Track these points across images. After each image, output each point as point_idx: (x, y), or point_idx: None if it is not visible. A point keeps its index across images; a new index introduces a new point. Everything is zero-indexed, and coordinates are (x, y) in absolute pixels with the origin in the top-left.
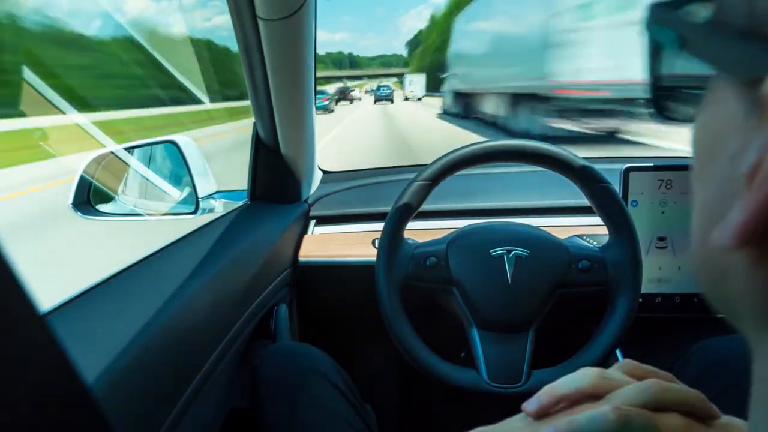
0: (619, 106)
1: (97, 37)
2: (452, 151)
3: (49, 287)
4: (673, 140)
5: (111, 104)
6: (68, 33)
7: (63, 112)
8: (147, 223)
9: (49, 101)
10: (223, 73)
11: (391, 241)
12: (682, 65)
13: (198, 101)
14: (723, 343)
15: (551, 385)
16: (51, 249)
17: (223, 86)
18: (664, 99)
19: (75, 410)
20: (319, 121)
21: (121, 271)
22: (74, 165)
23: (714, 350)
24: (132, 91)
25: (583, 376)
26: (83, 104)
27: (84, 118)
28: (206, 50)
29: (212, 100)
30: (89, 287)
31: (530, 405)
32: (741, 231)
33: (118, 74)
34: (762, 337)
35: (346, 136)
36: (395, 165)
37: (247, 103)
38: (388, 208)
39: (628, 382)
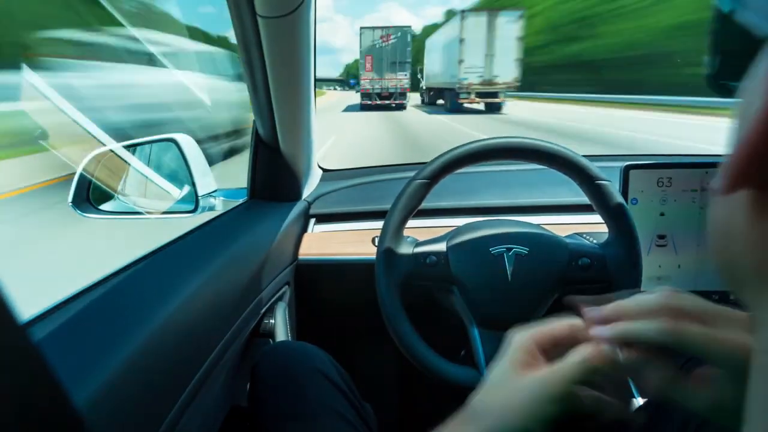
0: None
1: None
2: (451, 149)
3: None
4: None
5: None
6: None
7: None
8: (147, 221)
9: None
10: None
11: (391, 240)
12: (740, 36)
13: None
14: None
15: (620, 302)
16: None
17: None
18: (720, 71)
19: (55, 420)
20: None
21: (120, 270)
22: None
23: None
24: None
25: (652, 300)
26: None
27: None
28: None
29: None
30: (89, 285)
31: (593, 312)
32: (731, 172)
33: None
34: (762, 301)
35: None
36: (395, 163)
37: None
38: (388, 206)
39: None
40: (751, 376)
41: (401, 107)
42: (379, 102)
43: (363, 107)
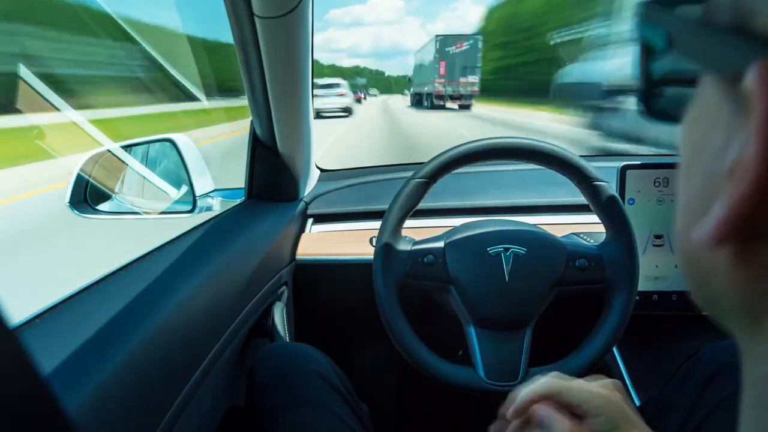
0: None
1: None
2: (449, 149)
3: None
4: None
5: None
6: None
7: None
8: (145, 222)
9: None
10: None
11: (389, 239)
12: (671, 65)
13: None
14: (733, 346)
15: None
16: None
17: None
18: (654, 98)
19: (45, 427)
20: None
21: (117, 270)
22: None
23: (723, 352)
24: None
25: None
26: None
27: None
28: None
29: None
30: (84, 286)
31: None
32: (720, 227)
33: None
34: (748, 336)
35: None
36: (393, 164)
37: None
38: (385, 206)
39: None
40: (741, 408)
41: (468, 107)
42: (449, 104)
43: (435, 106)
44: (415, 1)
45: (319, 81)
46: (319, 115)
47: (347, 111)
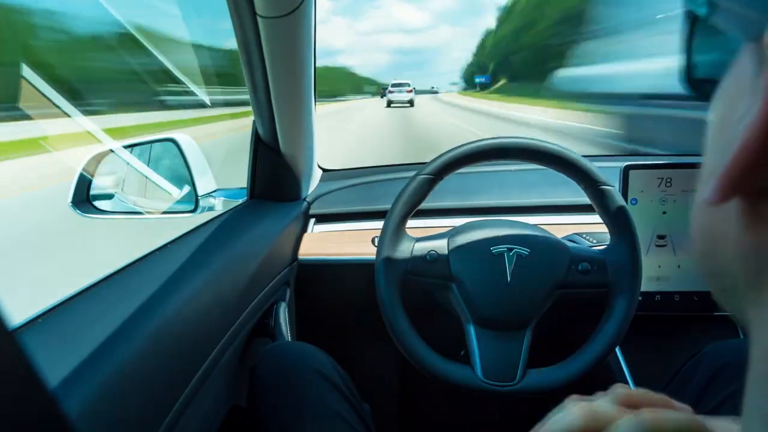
0: None
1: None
2: (456, 147)
3: None
4: None
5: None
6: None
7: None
8: (147, 222)
9: (51, 102)
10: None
11: (393, 235)
12: (715, 39)
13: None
14: (734, 346)
15: (542, 430)
16: None
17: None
18: (694, 69)
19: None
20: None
21: (120, 269)
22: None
23: (725, 353)
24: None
25: (573, 417)
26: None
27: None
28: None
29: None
30: (87, 286)
31: None
32: (724, 180)
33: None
34: (753, 308)
35: None
36: (396, 164)
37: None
38: (388, 206)
39: (620, 416)
40: (747, 386)
41: None
42: None
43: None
44: (343, 0)
45: (393, 81)
46: (390, 104)
47: (411, 102)
